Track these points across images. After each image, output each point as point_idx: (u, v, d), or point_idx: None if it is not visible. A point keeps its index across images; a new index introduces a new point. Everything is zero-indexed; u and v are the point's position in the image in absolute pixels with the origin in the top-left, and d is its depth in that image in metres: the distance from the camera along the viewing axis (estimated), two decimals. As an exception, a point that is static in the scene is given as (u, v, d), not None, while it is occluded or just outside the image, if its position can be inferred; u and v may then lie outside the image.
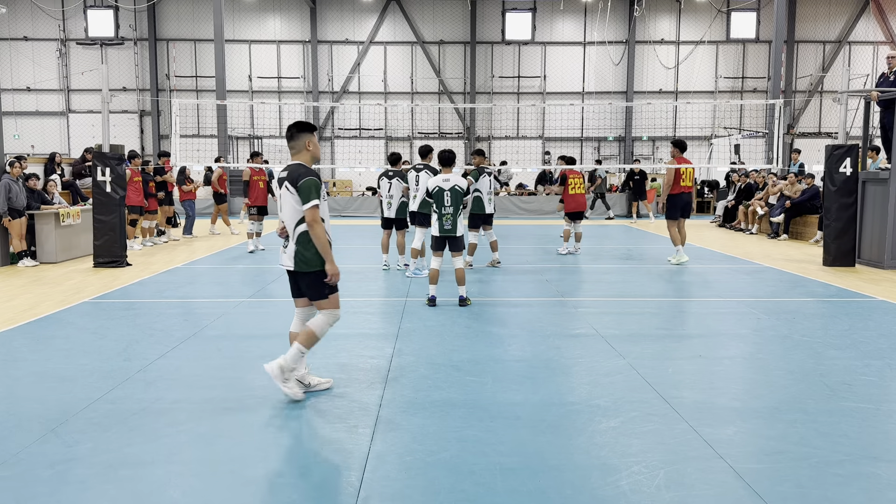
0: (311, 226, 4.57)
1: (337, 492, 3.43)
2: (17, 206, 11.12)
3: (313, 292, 4.74)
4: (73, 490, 3.45)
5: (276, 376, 4.67)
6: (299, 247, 4.65)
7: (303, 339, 4.71)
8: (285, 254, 4.75)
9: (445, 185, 7.85)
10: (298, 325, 4.94)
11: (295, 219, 4.65)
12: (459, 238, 7.95)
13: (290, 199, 4.63)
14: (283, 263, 4.79)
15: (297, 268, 4.69)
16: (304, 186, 4.58)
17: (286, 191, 4.64)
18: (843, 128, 11.62)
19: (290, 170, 4.69)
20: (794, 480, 3.56)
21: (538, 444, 4.00)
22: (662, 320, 7.30)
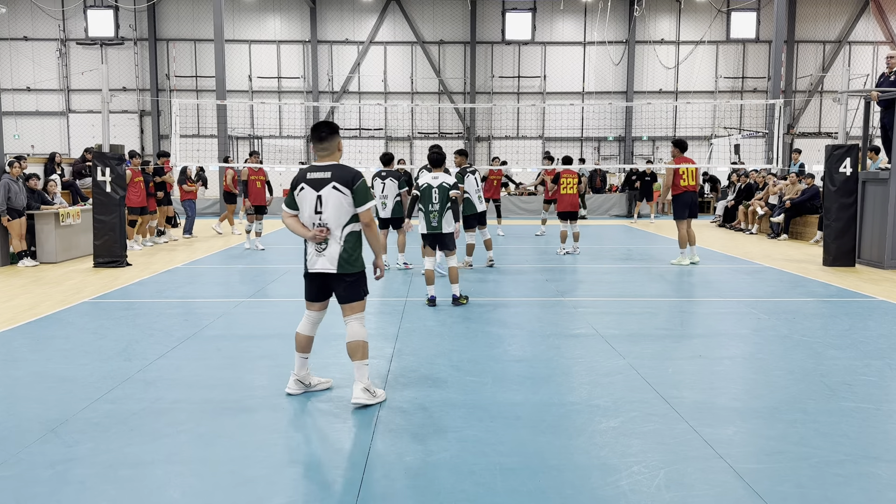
0: (370, 226, 4.64)
1: (337, 492, 3.43)
2: (17, 205, 11.12)
3: (351, 293, 4.66)
4: (73, 490, 3.45)
5: (367, 399, 4.60)
6: (346, 247, 4.58)
7: (361, 353, 4.64)
8: (323, 256, 4.60)
9: (434, 182, 7.88)
10: (310, 327, 4.85)
11: (343, 219, 4.58)
12: (449, 236, 7.93)
13: (339, 200, 4.55)
14: (319, 267, 4.62)
15: (339, 269, 4.58)
16: (361, 188, 4.57)
17: (334, 191, 4.54)
18: (843, 128, 11.62)
19: (335, 170, 4.58)
20: (794, 480, 3.56)
21: (538, 444, 4.00)
22: (662, 320, 7.30)
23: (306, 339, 4.84)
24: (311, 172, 4.64)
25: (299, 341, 4.85)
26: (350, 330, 4.68)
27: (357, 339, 4.66)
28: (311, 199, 4.60)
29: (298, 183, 4.67)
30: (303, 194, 4.64)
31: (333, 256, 4.59)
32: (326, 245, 4.60)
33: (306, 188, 4.62)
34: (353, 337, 4.67)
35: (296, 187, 4.69)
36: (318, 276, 4.68)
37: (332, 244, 4.60)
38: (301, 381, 4.87)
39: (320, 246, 4.60)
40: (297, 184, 4.69)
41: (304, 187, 4.63)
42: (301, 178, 4.67)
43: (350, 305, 4.68)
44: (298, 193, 4.66)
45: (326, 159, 4.69)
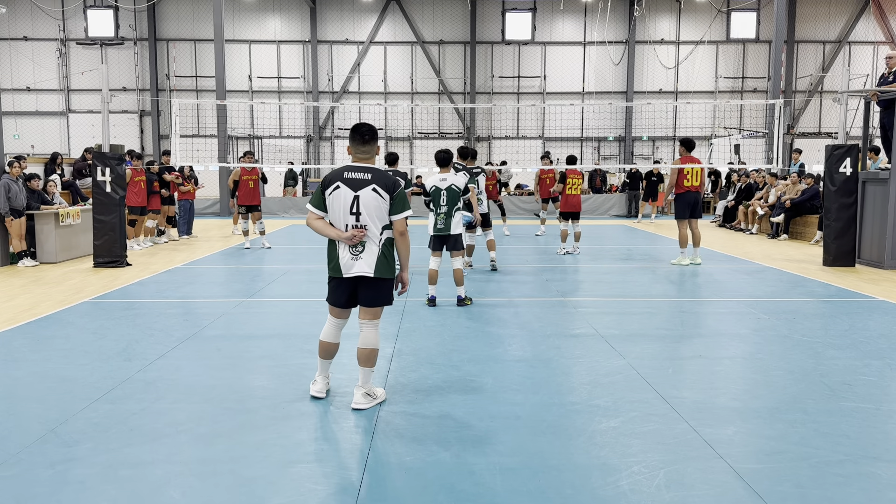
0: (404, 235, 4.51)
1: (337, 492, 3.43)
2: (17, 205, 11.12)
3: (381, 297, 4.54)
4: (73, 490, 3.45)
5: (368, 403, 4.57)
6: (384, 251, 4.47)
7: (372, 361, 4.59)
8: (360, 259, 4.43)
9: (442, 185, 7.86)
10: (336, 333, 4.71)
11: (381, 223, 4.46)
12: (457, 237, 7.93)
13: (378, 204, 4.41)
14: (356, 271, 4.45)
15: (377, 273, 4.45)
16: (401, 196, 4.48)
17: (373, 193, 4.40)
18: (843, 128, 11.62)
19: (376, 173, 4.45)
20: (794, 480, 3.56)
21: (538, 444, 4.00)
22: (662, 320, 7.30)
23: (334, 347, 4.72)
24: (348, 172, 4.46)
25: (327, 349, 4.72)
26: (365, 336, 4.59)
27: (370, 347, 4.57)
28: (347, 198, 4.42)
29: (333, 181, 4.46)
30: (337, 193, 4.44)
31: (372, 259, 4.44)
32: (364, 248, 4.45)
33: (342, 187, 4.43)
34: (366, 344, 4.58)
35: (328, 186, 4.48)
36: (352, 280, 4.51)
37: (370, 246, 4.44)
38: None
39: (356, 249, 4.44)
40: (330, 182, 4.48)
41: (339, 186, 4.44)
42: (337, 177, 4.47)
43: (373, 310, 4.57)
44: (332, 192, 4.46)
45: (366, 162, 4.54)
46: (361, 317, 4.61)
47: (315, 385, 4.79)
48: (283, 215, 22.80)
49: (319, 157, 29.11)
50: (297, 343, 6.31)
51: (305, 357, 5.82)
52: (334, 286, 4.60)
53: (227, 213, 22.37)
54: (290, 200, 23.93)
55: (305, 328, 6.93)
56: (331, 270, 4.57)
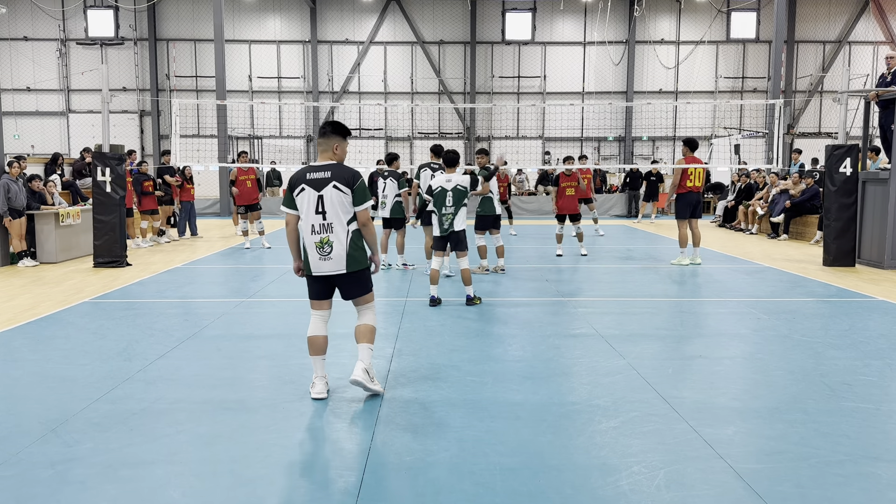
0: (367, 225, 4.67)
1: (337, 492, 3.43)
2: (17, 206, 11.13)
3: (360, 288, 4.73)
4: (73, 490, 3.45)
5: (365, 380, 4.66)
6: (352, 245, 4.62)
7: (369, 337, 4.75)
8: (330, 259, 4.59)
9: (448, 185, 7.82)
10: (322, 326, 4.81)
11: (346, 218, 4.61)
12: (462, 236, 7.90)
13: (341, 199, 4.58)
14: (325, 270, 4.62)
15: (349, 268, 4.62)
16: (360, 188, 4.63)
17: (335, 190, 4.56)
18: (843, 128, 11.62)
19: (335, 170, 4.61)
20: (794, 480, 3.56)
21: (538, 444, 4.00)
22: (662, 320, 7.30)
23: (323, 340, 4.79)
24: (310, 173, 4.63)
25: (316, 344, 4.77)
26: (361, 316, 4.81)
27: (367, 324, 4.77)
28: (311, 199, 4.59)
29: (298, 183, 4.64)
30: (303, 195, 4.62)
31: (341, 256, 4.60)
32: (332, 248, 4.59)
33: (307, 189, 4.60)
34: (363, 321, 4.78)
35: (294, 188, 4.66)
36: (324, 277, 4.69)
37: (336, 245, 4.59)
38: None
39: (323, 250, 4.59)
40: (296, 184, 4.65)
41: (304, 188, 4.61)
42: (301, 178, 4.65)
43: (361, 299, 4.78)
44: (298, 194, 4.65)
45: (325, 158, 4.72)
46: (355, 305, 4.84)
47: (314, 387, 4.79)
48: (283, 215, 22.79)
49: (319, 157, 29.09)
50: (297, 343, 6.31)
51: (305, 357, 5.81)
52: (310, 282, 4.79)
53: (227, 213, 22.39)
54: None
55: (305, 328, 6.90)
56: (305, 268, 4.76)
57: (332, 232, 4.59)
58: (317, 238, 4.61)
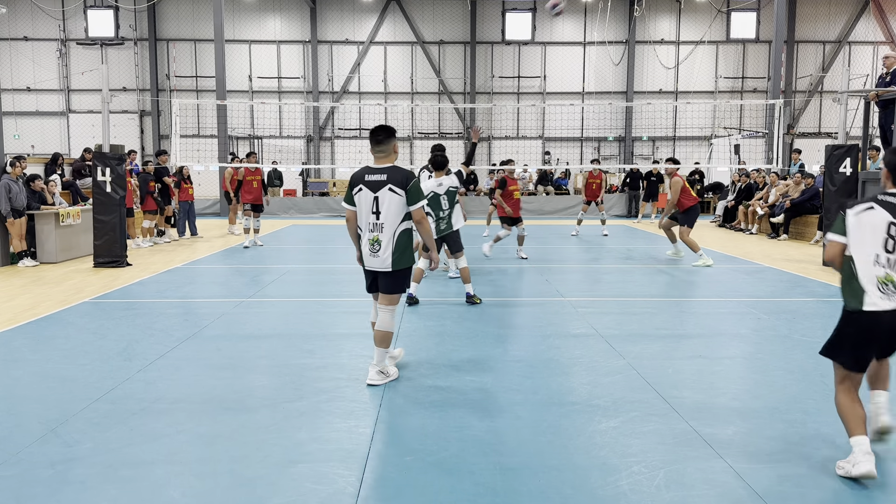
0: (421, 223, 4.99)
1: (337, 492, 3.43)
2: (17, 206, 11.13)
3: (395, 286, 5.05)
4: (73, 490, 3.45)
5: (381, 380, 5.03)
6: (398, 246, 4.95)
7: (386, 342, 5.05)
8: (378, 257, 4.96)
9: (440, 190, 7.76)
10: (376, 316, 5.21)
11: (398, 219, 4.93)
12: (457, 236, 7.88)
13: (395, 200, 4.90)
14: (374, 266, 4.99)
15: (395, 267, 4.96)
16: (414, 188, 4.94)
17: (390, 192, 4.89)
18: (843, 128, 11.62)
19: (391, 173, 4.93)
20: (794, 480, 3.56)
21: (538, 444, 4.00)
22: (662, 320, 7.30)
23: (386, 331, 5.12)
24: (368, 175, 4.96)
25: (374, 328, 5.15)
26: (382, 318, 5.06)
27: (386, 330, 5.05)
28: (368, 200, 4.94)
29: (357, 183, 5.00)
30: (361, 195, 4.98)
31: (387, 255, 4.95)
32: (381, 246, 4.93)
33: (364, 189, 4.96)
34: (382, 326, 5.05)
35: (354, 187, 5.01)
36: (372, 271, 5.06)
37: (385, 245, 4.93)
38: (382, 371, 5.10)
39: (374, 247, 4.95)
40: (355, 184, 5.01)
41: (362, 188, 4.97)
42: (359, 179, 5.00)
43: (389, 296, 5.07)
44: (356, 194, 5.00)
45: (383, 161, 5.01)
46: (380, 301, 5.10)
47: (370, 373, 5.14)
48: (284, 215, 22.80)
49: (320, 157, 29.10)
50: (297, 343, 6.31)
51: (305, 357, 5.82)
52: (365, 274, 5.19)
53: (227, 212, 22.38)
54: (290, 201, 23.93)
55: (305, 328, 6.94)
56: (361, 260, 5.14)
57: (381, 232, 4.93)
58: (370, 235, 4.98)
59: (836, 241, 3.69)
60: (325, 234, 17.22)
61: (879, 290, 3.56)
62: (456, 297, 8.41)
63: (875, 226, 3.58)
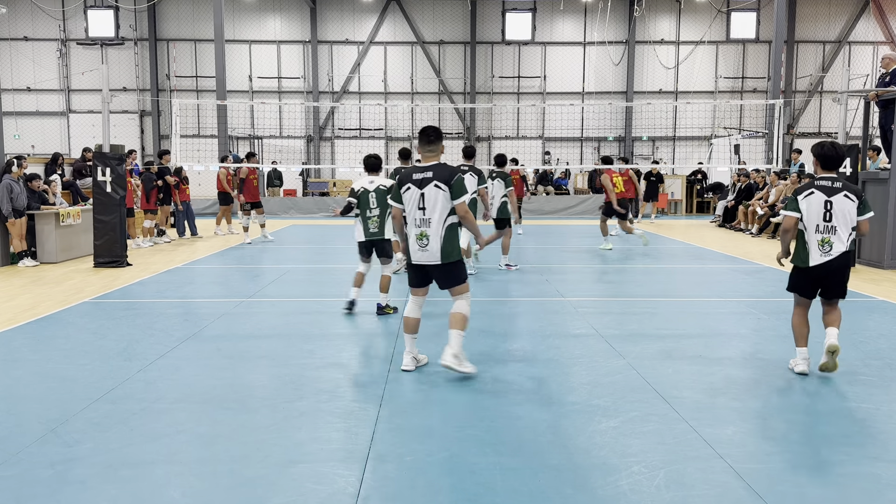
0: (466, 215, 5.18)
1: (337, 492, 3.43)
2: (18, 206, 11.13)
3: (454, 279, 5.23)
4: (73, 490, 3.45)
5: (455, 364, 5.11)
6: (446, 240, 5.14)
7: (461, 324, 5.17)
8: (427, 251, 5.14)
9: (370, 187, 7.33)
10: (417, 310, 5.38)
11: (444, 214, 5.12)
12: (387, 242, 7.45)
13: (441, 196, 5.11)
14: (423, 260, 5.19)
15: (444, 260, 5.15)
16: (457, 183, 5.15)
17: (435, 188, 5.11)
18: (843, 128, 11.62)
19: (436, 170, 5.16)
20: (794, 480, 3.56)
21: (538, 444, 4.00)
22: (662, 320, 7.30)
23: (416, 322, 5.36)
24: (416, 173, 5.21)
25: (409, 324, 5.35)
26: (456, 304, 5.23)
27: (460, 311, 5.18)
28: (415, 197, 5.18)
29: (405, 182, 5.23)
30: (409, 192, 5.22)
31: (436, 249, 5.14)
32: (429, 240, 5.12)
33: (412, 187, 5.19)
34: (457, 309, 5.20)
35: (402, 185, 5.25)
36: (422, 266, 5.24)
37: (433, 239, 5.13)
38: (415, 357, 5.41)
39: (422, 241, 5.14)
40: (403, 182, 5.24)
41: (409, 187, 5.21)
42: (408, 177, 5.23)
43: (456, 289, 5.25)
44: (405, 192, 5.24)
45: (430, 160, 5.26)
46: (451, 295, 5.31)
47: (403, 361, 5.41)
48: (284, 215, 22.81)
49: (320, 157, 29.11)
50: (297, 343, 6.31)
51: (305, 357, 5.83)
52: (410, 269, 5.38)
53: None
54: (290, 201, 23.92)
55: (305, 328, 6.93)
56: (408, 256, 5.32)
57: (429, 226, 5.13)
58: (417, 231, 5.18)
59: (792, 216, 5.32)
60: (325, 234, 17.23)
61: (819, 249, 5.23)
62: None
63: (817, 203, 5.22)
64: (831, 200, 5.20)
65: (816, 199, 5.21)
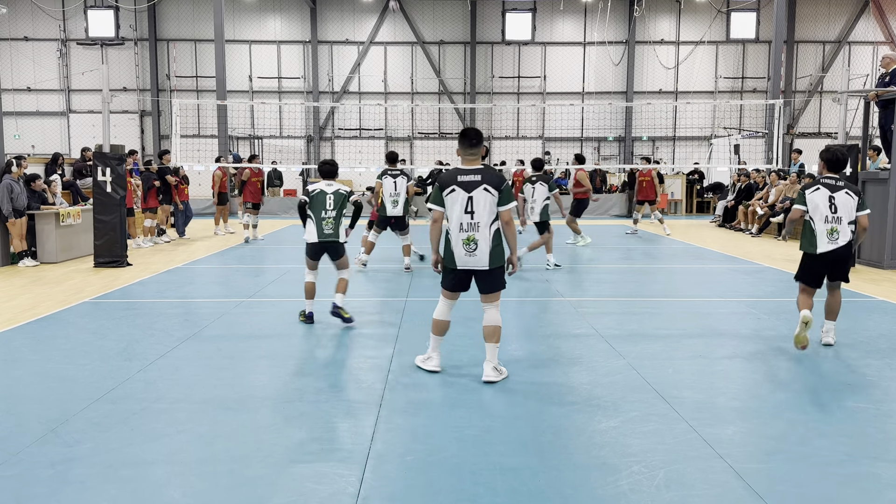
0: (509, 224, 5.09)
1: (337, 492, 3.43)
2: (18, 206, 11.13)
3: (497, 284, 5.15)
4: (73, 490, 3.45)
5: (497, 376, 5.11)
6: (494, 244, 5.05)
7: (497, 337, 5.12)
8: (475, 256, 5.02)
9: (328, 189, 7.10)
10: (448, 312, 5.29)
11: (491, 218, 5.03)
12: (341, 245, 7.21)
13: (489, 200, 5.01)
14: (471, 265, 5.05)
15: (492, 265, 5.06)
16: (507, 189, 5.07)
17: (484, 192, 5.00)
18: (843, 128, 11.62)
19: (484, 174, 5.05)
20: (794, 480, 3.56)
21: (538, 444, 4.00)
22: (662, 320, 7.30)
23: (446, 324, 5.31)
24: (461, 175, 5.05)
25: (443, 326, 5.28)
26: (489, 316, 5.14)
27: (495, 324, 5.12)
28: (462, 200, 5.03)
29: (449, 185, 5.06)
30: (453, 196, 5.05)
31: (484, 253, 5.03)
32: (477, 245, 5.02)
33: (458, 190, 5.03)
34: (491, 322, 5.12)
35: (445, 188, 5.07)
36: (465, 270, 5.11)
37: (481, 243, 5.02)
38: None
39: (469, 246, 5.02)
40: (447, 185, 5.07)
41: (455, 189, 5.04)
42: (451, 180, 5.07)
43: (493, 294, 5.15)
44: (448, 194, 5.06)
45: (473, 163, 5.13)
46: (484, 301, 5.21)
47: (431, 361, 5.34)
48: (284, 215, 22.80)
49: (320, 157, 29.09)
50: (297, 343, 6.31)
51: (305, 357, 5.83)
52: (446, 273, 5.23)
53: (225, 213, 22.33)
54: (290, 201, 23.91)
55: (305, 328, 6.93)
56: (445, 260, 5.18)
57: (477, 231, 5.01)
58: (464, 235, 5.04)
59: (799, 209, 6.16)
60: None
61: (827, 238, 5.96)
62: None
63: (822, 197, 6.00)
64: (834, 196, 5.97)
65: (821, 194, 6.00)
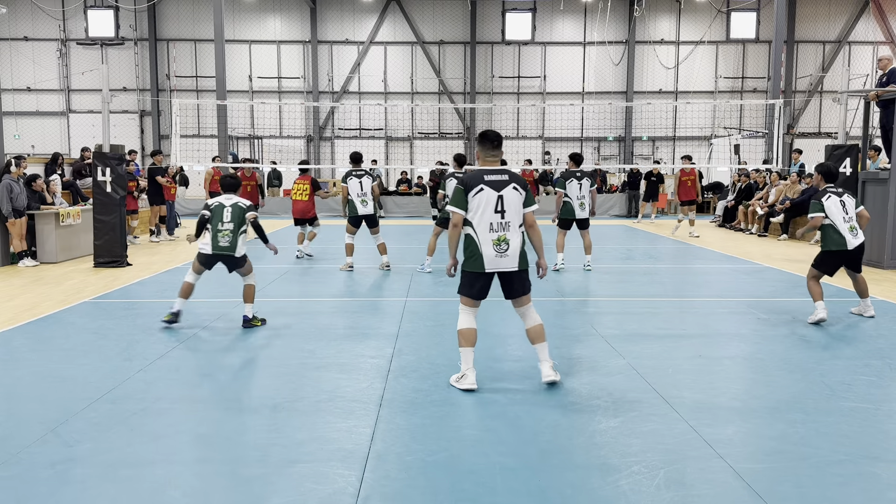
0: (534, 226, 5.04)
1: (337, 492, 3.43)
2: (18, 206, 11.13)
3: (526, 286, 5.06)
4: (73, 490, 3.45)
5: (557, 376, 5.01)
6: (522, 245, 4.98)
7: (543, 335, 5.03)
8: (507, 256, 4.89)
9: (227, 202, 7.06)
10: (474, 321, 5.03)
11: (520, 219, 4.96)
12: (239, 258, 7.11)
13: (518, 200, 4.93)
14: (502, 267, 4.92)
15: (521, 266, 4.98)
16: (530, 191, 5.02)
17: (514, 191, 4.90)
18: (843, 128, 11.62)
19: (510, 174, 4.96)
20: (794, 480, 3.56)
21: (538, 444, 4.00)
22: (662, 320, 7.30)
23: (475, 333, 5.03)
24: (487, 175, 4.91)
25: (472, 336, 4.97)
26: (530, 318, 5.05)
27: (539, 323, 5.04)
28: (492, 199, 4.87)
29: (475, 184, 4.87)
30: (481, 195, 4.87)
31: (515, 254, 4.92)
32: (508, 245, 4.87)
33: (486, 189, 4.86)
34: (534, 322, 5.04)
35: (471, 189, 4.87)
36: (492, 274, 4.95)
37: (513, 243, 4.90)
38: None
39: (500, 247, 4.88)
40: (473, 185, 4.88)
41: (482, 188, 4.87)
42: (478, 180, 4.89)
43: (526, 297, 5.06)
44: (476, 194, 4.87)
45: (495, 164, 5.04)
46: (517, 306, 5.09)
47: (466, 379, 4.94)
48: (284, 215, 22.79)
49: (320, 157, 29.11)
50: (298, 343, 6.31)
51: (306, 357, 5.83)
52: (471, 279, 4.98)
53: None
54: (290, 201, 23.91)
55: (305, 328, 6.93)
56: (469, 266, 4.95)
57: (508, 230, 4.88)
58: (494, 236, 4.87)
59: (818, 216, 7.12)
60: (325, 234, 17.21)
61: (851, 234, 7.03)
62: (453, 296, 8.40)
63: (836, 204, 7.11)
64: (843, 200, 7.12)
65: (833, 201, 7.10)
